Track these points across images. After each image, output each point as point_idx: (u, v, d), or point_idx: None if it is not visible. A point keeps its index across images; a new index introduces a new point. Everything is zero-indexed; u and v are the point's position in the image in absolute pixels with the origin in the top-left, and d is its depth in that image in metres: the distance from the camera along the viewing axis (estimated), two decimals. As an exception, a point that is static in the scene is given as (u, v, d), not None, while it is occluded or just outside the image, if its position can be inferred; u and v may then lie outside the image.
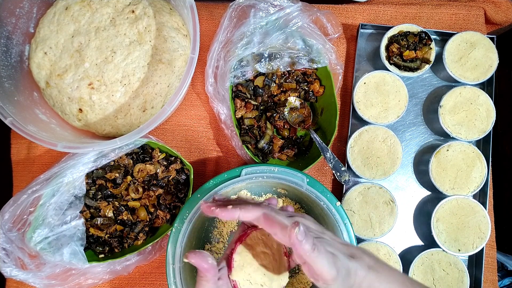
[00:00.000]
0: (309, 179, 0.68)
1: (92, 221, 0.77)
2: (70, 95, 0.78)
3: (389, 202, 0.79)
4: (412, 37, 0.83)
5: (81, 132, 0.83)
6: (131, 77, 0.78)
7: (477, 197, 0.84)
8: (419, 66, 0.83)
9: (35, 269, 0.70)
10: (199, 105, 0.87)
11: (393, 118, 0.81)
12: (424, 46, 0.83)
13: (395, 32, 0.84)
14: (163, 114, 0.68)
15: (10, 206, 0.70)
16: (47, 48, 0.79)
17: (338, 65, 0.82)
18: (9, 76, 0.77)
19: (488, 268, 0.82)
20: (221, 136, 0.87)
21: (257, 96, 0.82)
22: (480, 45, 0.83)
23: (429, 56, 0.83)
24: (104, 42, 0.78)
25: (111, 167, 0.79)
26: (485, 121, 0.81)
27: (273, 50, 0.79)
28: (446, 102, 0.82)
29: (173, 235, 0.66)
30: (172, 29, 0.81)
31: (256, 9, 0.79)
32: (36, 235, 0.70)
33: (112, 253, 0.78)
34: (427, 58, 0.83)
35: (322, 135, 0.82)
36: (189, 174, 0.79)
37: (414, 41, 0.83)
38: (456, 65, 0.83)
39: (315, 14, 0.80)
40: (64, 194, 0.72)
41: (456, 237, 0.78)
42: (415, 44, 0.83)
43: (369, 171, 0.80)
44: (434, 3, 0.90)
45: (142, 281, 0.82)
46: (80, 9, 0.79)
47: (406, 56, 0.83)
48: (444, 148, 0.81)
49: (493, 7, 0.89)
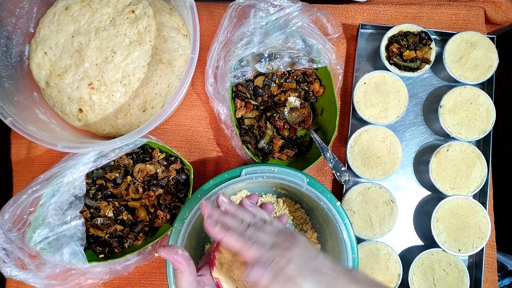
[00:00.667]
0: (309, 179, 0.68)
1: (92, 221, 0.77)
2: (70, 95, 0.78)
3: (389, 202, 0.79)
4: (412, 37, 0.82)
5: (81, 132, 0.83)
6: (131, 77, 0.78)
7: (477, 197, 0.84)
8: (419, 66, 0.83)
9: (35, 269, 0.70)
10: (199, 105, 0.87)
11: (393, 118, 0.81)
12: (424, 46, 0.83)
13: (395, 32, 0.84)
14: (163, 114, 0.68)
15: (10, 206, 0.70)
16: (47, 48, 0.79)
17: (338, 65, 0.82)
18: (9, 76, 0.77)
19: (488, 268, 0.82)
20: (221, 136, 0.87)
21: (257, 96, 0.82)
22: (480, 45, 0.83)
23: (429, 56, 0.83)
24: (104, 42, 0.78)
25: (111, 167, 0.79)
26: (485, 121, 0.81)
27: (273, 50, 0.79)
28: (446, 102, 0.82)
29: (173, 235, 0.66)
30: (172, 29, 0.81)
31: (256, 9, 0.79)
32: (36, 235, 0.70)
33: (112, 253, 0.78)
34: (427, 58, 0.83)
35: (322, 135, 0.82)
36: (189, 174, 0.79)
37: (414, 41, 0.83)
38: (456, 65, 0.83)
39: (315, 14, 0.80)
40: (64, 194, 0.72)
41: (456, 237, 0.78)
42: (415, 44, 0.83)
43: (369, 171, 0.80)
44: (434, 3, 0.90)
45: (142, 281, 0.82)
46: (80, 9, 0.79)
47: (406, 56, 0.83)
48: (444, 148, 0.81)
49: (493, 7, 0.89)
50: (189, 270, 0.47)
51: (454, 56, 0.83)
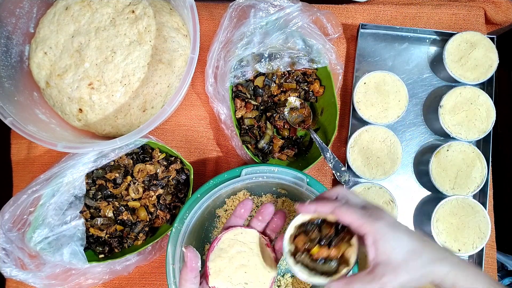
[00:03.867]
0: (309, 179, 0.68)
1: (92, 221, 0.77)
2: (70, 95, 0.78)
3: (389, 202, 0.79)
4: (327, 228, 0.52)
5: (81, 132, 0.83)
6: (131, 77, 0.78)
7: (477, 197, 0.83)
8: (334, 270, 0.51)
9: (35, 269, 0.70)
10: (199, 105, 0.87)
11: (393, 118, 0.81)
12: (341, 242, 0.52)
13: (305, 219, 0.53)
14: (163, 114, 0.68)
15: (10, 206, 0.70)
16: (47, 48, 0.79)
17: (338, 65, 0.82)
18: (9, 76, 0.77)
19: (488, 268, 0.82)
20: (221, 136, 0.87)
21: (257, 96, 0.82)
22: (480, 45, 0.83)
23: (349, 256, 0.51)
24: (104, 42, 0.78)
25: (111, 167, 0.79)
26: (485, 121, 0.81)
27: (273, 50, 0.79)
28: (446, 102, 0.82)
29: (173, 235, 0.66)
30: (172, 29, 0.81)
31: (256, 9, 0.79)
32: (36, 235, 0.70)
33: (112, 253, 0.78)
34: (347, 259, 0.51)
35: (322, 135, 0.82)
36: (189, 174, 0.79)
37: (329, 235, 0.52)
38: (456, 65, 0.83)
39: (315, 14, 0.80)
40: (64, 194, 0.72)
41: (456, 237, 0.78)
42: (330, 238, 0.52)
43: (369, 171, 0.80)
44: (434, 3, 0.90)
45: (142, 281, 0.82)
46: (80, 9, 0.79)
47: (315, 255, 0.52)
48: (444, 148, 0.81)
49: (493, 7, 0.89)
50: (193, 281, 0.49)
51: (454, 56, 0.83)
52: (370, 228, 0.46)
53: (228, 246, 0.54)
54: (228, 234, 0.55)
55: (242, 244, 0.55)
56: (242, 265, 0.54)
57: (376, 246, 0.46)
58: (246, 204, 0.55)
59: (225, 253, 0.54)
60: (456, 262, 0.46)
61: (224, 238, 0.55)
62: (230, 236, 0.55)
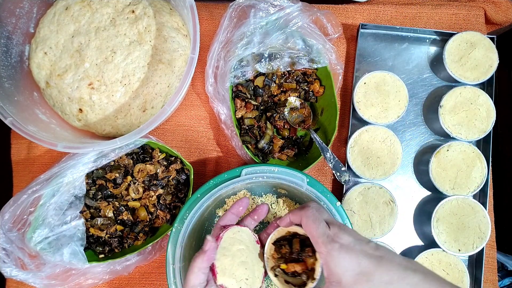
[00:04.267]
0: (309, 179, 0.68)
1: (92, 221, 0.77)
2: (70, 95, 0.78)
3: (389, 202, 0.79)
4: (296, 243, 0.56)
5: (81, 132, 0.83)
6: (131, 77, 0.78)
7: (477, 197, 0.83)
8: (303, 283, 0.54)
9: (35, 269, 0.70)
10: (199, 105, 0.87)
11: (393, 118, 0.81)
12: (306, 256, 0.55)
13: (283, 233, 0.57)
14: (163, 114, 0.68)
15: (10, 206, 0.70)
16: (47, 48, 0.79)
17: (338, 65, 0.82)
18: (9, 76, 0.77)
19: (488, 268, 0.82)
20: (221, 136, 0.87)
21: (257, 96, 0.82)
22: (480, 45, 0.83)
23: (314, 270, 0.53)
24: (104, 42, 0.78)
25: (111, 167, 0.79)
26: (485, 121, 0.81)
27: (273, 50, 0.79)
28: (446, 102, 0.82)
29: (173, 235, 0.66)
30: (172, 29, 0.81)
31: (256, 9, 0.79)
32: (36, 235, 0.70)
33: (112, 253, 0.78)
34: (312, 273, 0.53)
35: (322, 135, 0.82)
36: (189, 174, 0.79)
37: (296, 250, 0.56)
38: (456, 65, 0.83)
39: (315, 14, 0.80)
40: (64, 194, 0.72)
41: (456, 237, 0.78)
42: (297, 253, 0.56)
43: (369, 171, 0.80)
44: (434, 3, 0.90)
45: (142, 281, 0.82)
46: (80, 9, 0.79)
47: (286, 269, 0.56)
48: (444, 148, 0.81)
49: (493, 7, 0.89)
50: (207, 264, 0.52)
51: (454, 56, 0.83)
52: (323, 248, 0.48)
53: (230, 245, 0.56)
54: (228, 232, 0.57)
55: (240, 242, 0.57)
56: (242, 262, 0.56)
57: (327, 266, 0.48)
58: (244, 202, 0.58)
59: (228, 251, 0.56)
60: (414, 283, 0.44)
61: (226, 236, 0.57)
62: (230, 235, 0.57)
